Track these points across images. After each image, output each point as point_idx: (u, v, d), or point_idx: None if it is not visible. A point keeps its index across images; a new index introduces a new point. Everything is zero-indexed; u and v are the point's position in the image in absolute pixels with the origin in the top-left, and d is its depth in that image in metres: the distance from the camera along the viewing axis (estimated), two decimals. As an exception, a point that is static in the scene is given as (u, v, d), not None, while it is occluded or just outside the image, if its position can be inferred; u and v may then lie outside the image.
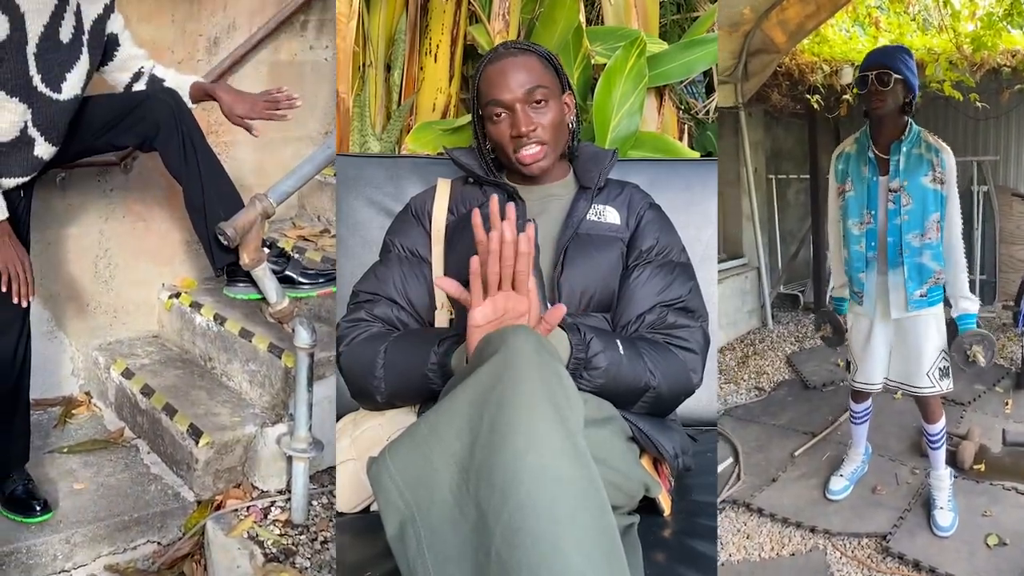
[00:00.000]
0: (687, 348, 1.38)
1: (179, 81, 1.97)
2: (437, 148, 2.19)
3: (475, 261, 1.17)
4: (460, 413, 1.02)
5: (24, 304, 1.81)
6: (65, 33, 1.76)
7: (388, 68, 2.41)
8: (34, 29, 1.70)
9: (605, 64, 2.19)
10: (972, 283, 3.92)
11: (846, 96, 3.96)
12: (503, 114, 1.40)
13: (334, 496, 2.34)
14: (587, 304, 1.40)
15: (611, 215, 1.47)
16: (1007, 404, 3.00)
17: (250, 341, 2.24)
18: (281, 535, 2.08)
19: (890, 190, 1.94)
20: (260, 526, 2.09)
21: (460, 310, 1.39)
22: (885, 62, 1.89)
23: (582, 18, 2.22)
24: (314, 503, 2.23)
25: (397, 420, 1.38)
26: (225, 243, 1.85)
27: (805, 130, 4.44)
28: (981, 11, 3.73)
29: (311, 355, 1.94)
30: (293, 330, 1.90)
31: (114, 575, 1.99)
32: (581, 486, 0.96)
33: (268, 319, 2.06)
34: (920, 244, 1.95)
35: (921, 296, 1.99)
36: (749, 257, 4.32)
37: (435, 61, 2.37)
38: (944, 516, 2.15)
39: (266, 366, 2.20)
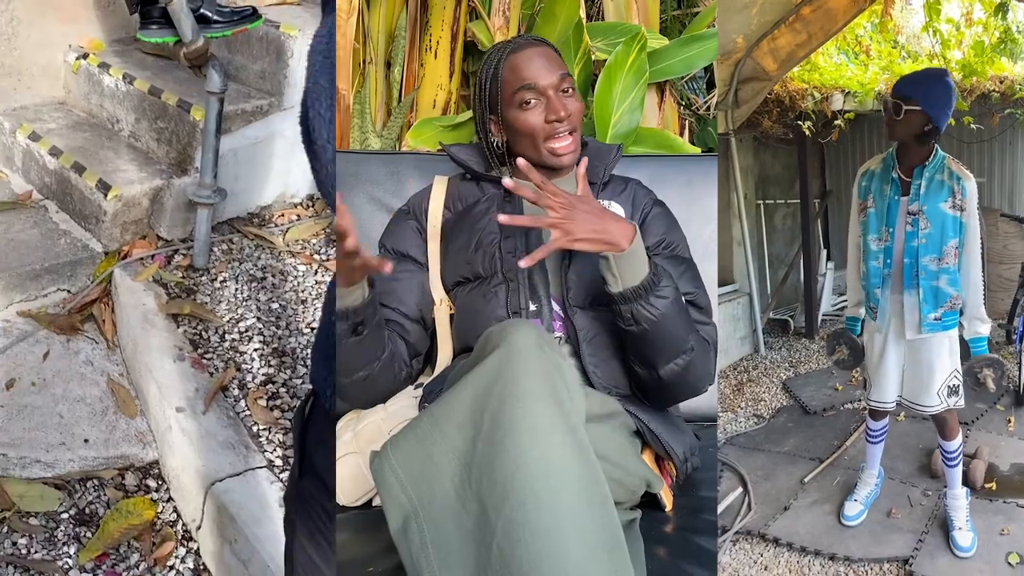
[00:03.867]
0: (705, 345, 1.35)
1: None
2: (437, 145, 2.15)
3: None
4: (462, 407, 1.00)
5: None
6: None
7: (388, 65, 2.36)
8: None
9: (606, 60, 2.17)
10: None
11: (837, 122, 3.99)
12: (534, 101, 1.35)
13: (233, 243, 2.51)
14: (595, 297, 1.36)
15: (616, 210, 1.44)
16: (1010, 422, 2.97)
17: (159, 98, 2.27)
18: (183, 278, 2.27)
19: (909, 212, 1.96)
20: (164, 271, 2.27)
21: (461, 306, 1.38)
22: (904, 92, 1.90)
23: (582, 14, 2.19)
24: (215, 249, 2.39)
25: (400, 414, 1.34)
26: None
27: (792, 155, 4.46)
28: (968, 40, 3.77)
29: (221, 100, 1.96)
30: (205, 75, 1.91)
31: (27, 319, 2.06)
32: (583, 481, 0.94)
33: (182, 61, 2.03)
34: (937, 268, 1.96)
35: (935, 319, 1.99)
36: (740, 283, 4.27)
37: (435, 58, 2.33)
38: (964, 536, 2.11)
39: (174, 122, 2.24)
